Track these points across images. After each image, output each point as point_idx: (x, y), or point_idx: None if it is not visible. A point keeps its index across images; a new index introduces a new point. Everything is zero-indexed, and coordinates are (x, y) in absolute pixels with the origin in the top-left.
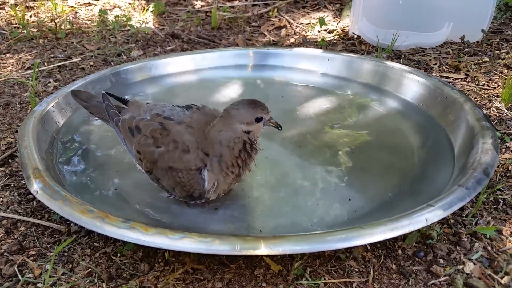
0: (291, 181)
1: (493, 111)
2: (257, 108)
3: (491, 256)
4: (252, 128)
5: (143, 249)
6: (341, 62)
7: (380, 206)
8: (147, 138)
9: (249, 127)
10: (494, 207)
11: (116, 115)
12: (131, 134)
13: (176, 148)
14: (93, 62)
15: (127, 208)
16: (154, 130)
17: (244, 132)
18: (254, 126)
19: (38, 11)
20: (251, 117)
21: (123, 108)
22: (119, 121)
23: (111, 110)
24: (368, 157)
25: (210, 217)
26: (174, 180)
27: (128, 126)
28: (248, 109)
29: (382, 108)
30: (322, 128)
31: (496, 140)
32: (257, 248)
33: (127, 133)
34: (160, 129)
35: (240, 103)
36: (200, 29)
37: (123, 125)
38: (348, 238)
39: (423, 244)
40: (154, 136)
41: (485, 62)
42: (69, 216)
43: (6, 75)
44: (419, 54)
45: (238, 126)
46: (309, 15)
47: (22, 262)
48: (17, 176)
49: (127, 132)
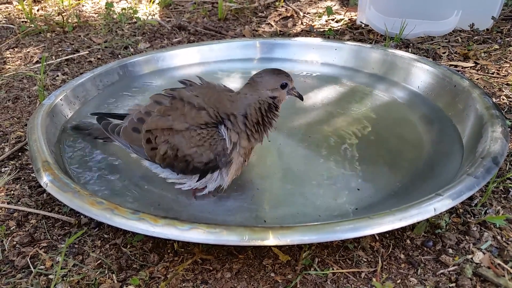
0: (298, 172)
1: (503, 99)
2: (282, 75)
3: (500, 245)
4: (277, 94)
5: (152, 240)
6: (349, 52)
7: (388, 196)
8: (156, 115)
9: (274, 93)
10: (504, 196)
11: (116, 126)
12: (137, 131)
13: (192, 107)
14: (101, 55)
15: (136, 199)
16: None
17: (270, 97)
18: (279, 92)
19: (45, 5)
20: (276, 83)
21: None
22: (121, 130)
23: (110, 125)
24: (376, 147)
25: (219, 208)
26: (195, 143)
27: (132, 127)
28: (273, 76)
29: (390, 97)
30: (330, 119)
31: (506, 128)
32: (266, 239)
33: (131, 134)
34: (170, 99)
35: (265, 72)
36: (207, 20)
37: (126, 131)
38: (356, 228)
39: (432, 233)
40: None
41: (495, 50)
42: (79, 208)
43: (15, 69)
44: (428, 43)
45: (264, 92)
46: (316, 5)
47: (34, 254)
48: (27, 169)
49: (131, 134)
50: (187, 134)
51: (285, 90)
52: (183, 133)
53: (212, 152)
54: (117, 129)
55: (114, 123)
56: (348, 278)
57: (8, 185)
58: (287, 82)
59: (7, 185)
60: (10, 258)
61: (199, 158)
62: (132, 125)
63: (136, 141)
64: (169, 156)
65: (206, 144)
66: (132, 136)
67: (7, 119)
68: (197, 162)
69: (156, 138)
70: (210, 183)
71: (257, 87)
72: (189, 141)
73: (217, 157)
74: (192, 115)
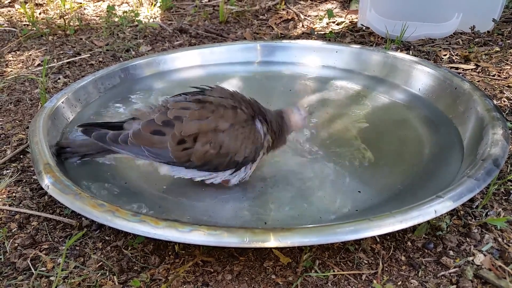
0: (300, 174)
1: (504, 101)
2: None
3: (501, 247)
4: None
5: (153, 242)
6: (349, 54)
7: (389, 198)
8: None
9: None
10: (505, 198)
11: (119, 135)
12: (160, 134)
13: (227, 109)
14: (102, 58)
15: (136, 201)
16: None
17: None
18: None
19: (47, 8)
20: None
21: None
22: (129, 136)
23: (109, 134)
24: (377, 149)
25: (220, 210)
26: (240, 137)
27: (151, 130)
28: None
29: (391, 99)
30: (331, 121)
31: (506, 130)
32: (266, 241)
33: (150, 137)
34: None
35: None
36: (208, 23)
37: (139, 135)
38: (357, 230)
39: (433, 235)
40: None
41: (496, 52)
42: (80, 210)
43: (17, 72)
44: (429, 45)
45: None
46: (317, 7)
47: (35, 256)
48: (28, 171)
49: (151, 137)
50: (232, 132)
51: None
52: (227, 132)
53: (254, 145)
54: (122, 137)
55: (112, 133)
56: (349, 280)
57: (10, 188)
58: None
59: (8, 187)
60: (12, 260)
61: (241, 153)
62: (152, 128)
63: (158, 144)
64: (210, 154)
65: (249, 140)
66: (153, 139)
67: (9, 122)
68: (238, 157)
69: (195, 139)
70: (238, 175)
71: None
72: (234, 138)
73: (256, 150)
74: (229, 115)
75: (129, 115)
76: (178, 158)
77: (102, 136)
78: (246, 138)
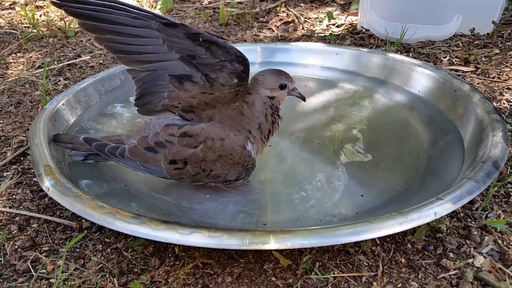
0: (299, 176)
1: (503, 103)
2: (282, 75)
3: (501, 249)
4: (276, 95)
5: (153, 244)
6: (349, 56)
7: (390, 200)
8: (178, 147)
9: (273, 93)
10: (505, 200)
11: (116, 148)
12: (153, 151)
13: (214, 141)
14: (103, 60)
15: (136, 204)
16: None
17: (268, 97)
18: (278, 93)
19: (48, 10)
20: (275, 83)
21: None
22: (126, 150)
23: (108, 146)
24: (377, 151)
25: (219, 212)
26: (229, 164)
27: (145, 146)
28: (273, 76)
29: (391, 102)
30: (331, 123)
31: (506, 133)
32: (266, 243)
33: (145, 154)
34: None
35: (266, 71)
36: (208, 25)
37: (135, 150)
38: (356, 232)
39: (433, 237)
40: (188, 141)
41: (496, 55)
42: (80, 212)
43: (17, 74)
44: (429, 47)
45: (263, 91)
46: (317, 10)
47: (35, 258)
48: (29, 173)
49: (145, 153)
50: (220, 161)
51: (284, 91)
52: (216, 161)
53: (244, 169)
54: (120, 151)
55: (111, 145)
56: (349, 283)
57: (10, 190)
58: (287, 83)
59: (9, 189)
60: (12, 262)
61: (232, 175)
62: (145, 145)
63: (151, 161)
64: (201, 175)
65: (238, 165)
66: (147, 156)
67: (9, 124)
68: (230, 177)
69: (185, 163)
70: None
71: (257, 87)
72: (222, 166)
73: (247, 171)
74: (217, 147)
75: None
76: (171, 175)
77: (102, 147)
78: (235, 163)
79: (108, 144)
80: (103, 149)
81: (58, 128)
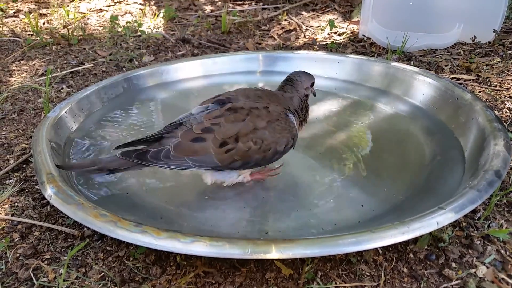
0: (301, 184)
1: (505, 112)
2: (311, 75)
3: (504, 259)
4: (309, 92)
5: (155, 253)
6: (351, 65)
7: (392, 209)
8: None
9: (307, 91)
10: (507, 210)
11: (159, 152)
12: (200, 140)
13: (259, 109)
14: (105, 68)
15: (138, 212)
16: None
17: (305, 95)
18: (309, 90)
19: (51, 18)
20: (309, 82)
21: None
22: (170, 149)
23: (150, 153)
24: (379, 160)
25: (221, 220)
26: (277, 130)
27: (191, 138)
28: (308, 76)
29: (392, 110)
30: (332, 132)
31: (508, 141)
32: (268, 252)
33: (192, 146)
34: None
35: (301, 73)
36: (210, 33)
37: (180, 146)
38: (358, 242)
39: (435, 247)
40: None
41: (497, 63)
42: (82, 220)
43: (21, 82)
44: (430, 56)
45: (302, 90)
46: (319, 18)
47: (37, 266)
48: (31, 181)
49: (192, 145)
50: (269, 127)
51: (311, 88)
52: (265, 128)
53: (291, 134)
54: (164, 153)
55: (152, 151)
56: None
57: (13, 197)
58: (314, 81)
59: (11, 197)
60: (13, 270)
61: (281, 143)
62: (191, 136)
63: (200, 151)
64: (253, 150)
65: (285, 131)
66: (195, 147)
67: (12, 131)
68: (280, 147)
69: (236, 139)
70: None
71: (297, 87)
72: (272, 132)
73: (293, 138)
74: (263, 114)
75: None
76: (222, 161)
77: (143, 156)
78: (283, 129)
79: (149, 151)
80: (145, 157)
81: (61, 136)
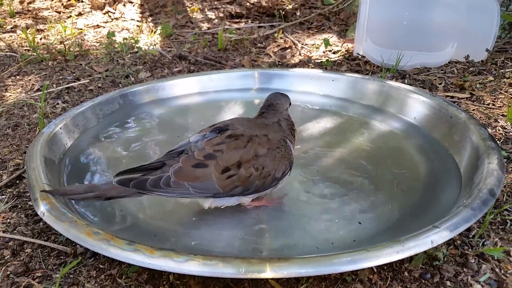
0: (296, 201)
1: (498, 130)
2: (287, 96)
3: (499, 278)
4: (288, 111)
5: (148, 271)
6: (345, 83)
7: (387, 228)
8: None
9: (287, 111)
10: (502, 228)
11: (159, 179)
12: (202, 166)
13: (259, 137)
14: (101, 84)
15: (132, 230)
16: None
17: (287, 115)
18: (288, 109)
19: (48, 33)
20: (287, 102)
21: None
22: (171, 176)
23: (148, 181)
24: (373, 178)
25: (215, 238)
26: (277, 158)
27: (193, 164)
28: (285, 97)
29: (387, 128)
30: (327, 149)
31: (501, 160)
32: (263, 271)
33: (193, 172)
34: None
35: (278, 96)
36: (207, 50)
37: (181, 172)
38: (353, 261)
39: (430, 265)
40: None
41: (490, 81)
42: (75, 238)
43: (16, 97)
44: (424, 74)
45: (284, 112)
46: (314, 36)
47: (27, 284)
48: (24, 197)
49: (193, 170)
50: (270, 154)
51: (289, 106)
52: (266, 156)
53: (289, 161)
54: (164, 180)
55: (151, 179)
56: None
57: (5, 213)
58: (290, 101)
59: (3, 213)
60: None
61: (280, 170)
62: (193, 162)
63: (201, 177)
64: (254, 176)
65: (284, 158)
66: (196, 173)
67: (6, 147)
68: (278, 173)
69: (239, 166)
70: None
71: (280, 110)
72: (272, 159)
73: (290, 165)
74: (264, 141)
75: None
76: (223, 187)
77: (142, 184)
78: (282, 157)
79: (147, 179)
80: (143, 186)
81: (55, 152)
